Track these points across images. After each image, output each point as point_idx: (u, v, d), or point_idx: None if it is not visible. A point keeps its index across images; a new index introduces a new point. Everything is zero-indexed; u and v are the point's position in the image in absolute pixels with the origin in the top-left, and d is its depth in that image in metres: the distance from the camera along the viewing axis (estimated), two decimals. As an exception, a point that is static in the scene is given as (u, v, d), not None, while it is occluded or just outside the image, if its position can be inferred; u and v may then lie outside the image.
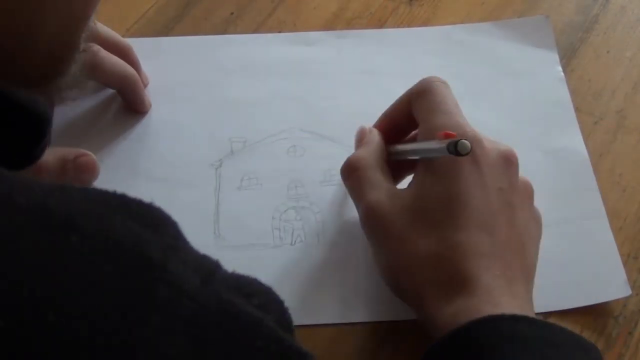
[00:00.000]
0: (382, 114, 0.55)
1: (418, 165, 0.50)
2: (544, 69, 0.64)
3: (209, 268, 0.29)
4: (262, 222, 0.55)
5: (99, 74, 0.58)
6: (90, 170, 0.54)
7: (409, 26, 0.67)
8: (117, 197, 0.30)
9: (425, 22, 0.68)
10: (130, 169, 0.58)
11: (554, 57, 0.65)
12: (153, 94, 0.61)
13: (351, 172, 0.51)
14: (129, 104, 0.60)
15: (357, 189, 0.50)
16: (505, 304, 0.44)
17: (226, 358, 0.26)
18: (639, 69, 0.65)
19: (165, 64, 0.64)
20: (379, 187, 0.49)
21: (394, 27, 0.67)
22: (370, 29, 0.67)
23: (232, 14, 0.68)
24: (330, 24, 0.67)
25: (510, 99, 0.63)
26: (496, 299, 0.44)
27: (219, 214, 0.56)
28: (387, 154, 0.52)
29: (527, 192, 0.50)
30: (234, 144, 0.59)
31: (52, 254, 0.26)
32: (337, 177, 0.53)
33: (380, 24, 0.68)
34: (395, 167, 0.52)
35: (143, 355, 0.25)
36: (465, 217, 0.46)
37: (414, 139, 0.53)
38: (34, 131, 0.34)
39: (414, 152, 0.51)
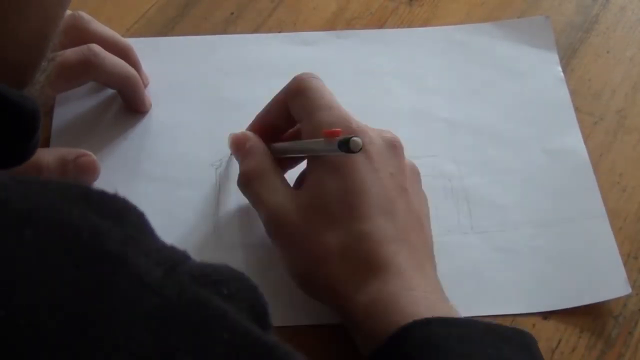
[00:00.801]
0: (257, 116, 0.55)
1: (308, 162, 0.51)
2: (544, 69, 0.64)
3: (172, 259, 0.28)
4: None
5: (99, 74, 0.57)
6: (91, 171, 0.54)
7: (409, 26, 0.67)
8: (78, 188, 0.29)
9: (425, 22, 0.68)
10: (130, 169, 0.57)
11: (554, 57, 0.65)
12: (153, 94, 0.61)
13: (247, 184, 0.51)
14: (129, 104, 0.60)
15: (256, 198, 0.51)
16: (419, 286, 0.45)
17: (190, 351, 0.25)
18: (639, 69, 0.65)
19: (165, 64, 0.64)
20: (277, 192, 0.50)
21: (394, 27, 0.67)
22: (370, 29, 0.67)
23: (232, 14, 0.68)
24: (330, 24, 0.67)
25: (510, 99, 0.63)
26: (409, 281, 0.45)
27: (219, 214, 0.55)
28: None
29: (415, 173, 0.51)
30: (234, 144, 0.59)
31: (4, 249, 0.25)
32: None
33: (380, 24, 0.68)
34: (277, 163, 0.52)
35: (103, 350, 0.24)
36: (366, 207, 0.47)
37: (292, 137, 0.54)
38: (25, 128, 0.33)
39: (302, 150, 0.51)
